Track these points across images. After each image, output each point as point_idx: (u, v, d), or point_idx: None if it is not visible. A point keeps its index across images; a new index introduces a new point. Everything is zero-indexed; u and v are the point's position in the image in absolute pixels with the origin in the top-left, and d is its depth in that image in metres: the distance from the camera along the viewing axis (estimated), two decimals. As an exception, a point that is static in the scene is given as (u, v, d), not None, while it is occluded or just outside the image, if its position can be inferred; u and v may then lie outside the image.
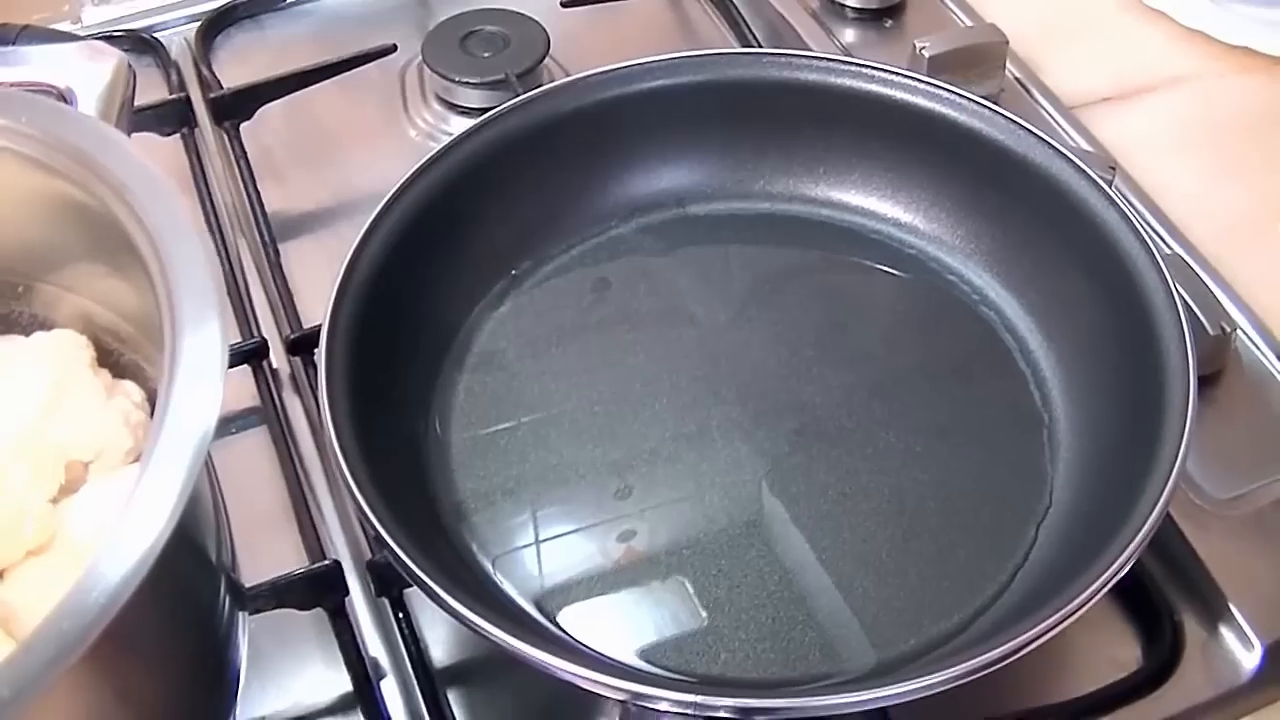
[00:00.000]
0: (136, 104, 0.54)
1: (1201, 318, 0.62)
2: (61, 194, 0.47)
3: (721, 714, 0.45)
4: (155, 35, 0.82)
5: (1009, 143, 0.62)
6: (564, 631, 0.53)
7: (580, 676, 0.45)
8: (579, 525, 0.57)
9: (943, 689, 0.46)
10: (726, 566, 0.55)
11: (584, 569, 0.55)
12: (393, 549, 0.49)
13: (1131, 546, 0.48)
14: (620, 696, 0.45)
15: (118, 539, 0.37)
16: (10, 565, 0.47)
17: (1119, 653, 0.56)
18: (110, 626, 0.36)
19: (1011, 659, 0.46)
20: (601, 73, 0.64)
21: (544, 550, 0.56)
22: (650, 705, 0.44)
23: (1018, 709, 0.54)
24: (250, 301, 0.67)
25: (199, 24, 0.83)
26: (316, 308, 0.60)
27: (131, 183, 0.45)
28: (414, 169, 0.61)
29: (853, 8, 0.81)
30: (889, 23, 0.82)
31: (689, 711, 0.44)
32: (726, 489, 0.57)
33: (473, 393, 0.61)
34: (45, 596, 0.37)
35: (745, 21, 0.82)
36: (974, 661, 0.46)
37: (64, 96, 0.51)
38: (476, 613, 0.47)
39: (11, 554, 0.46)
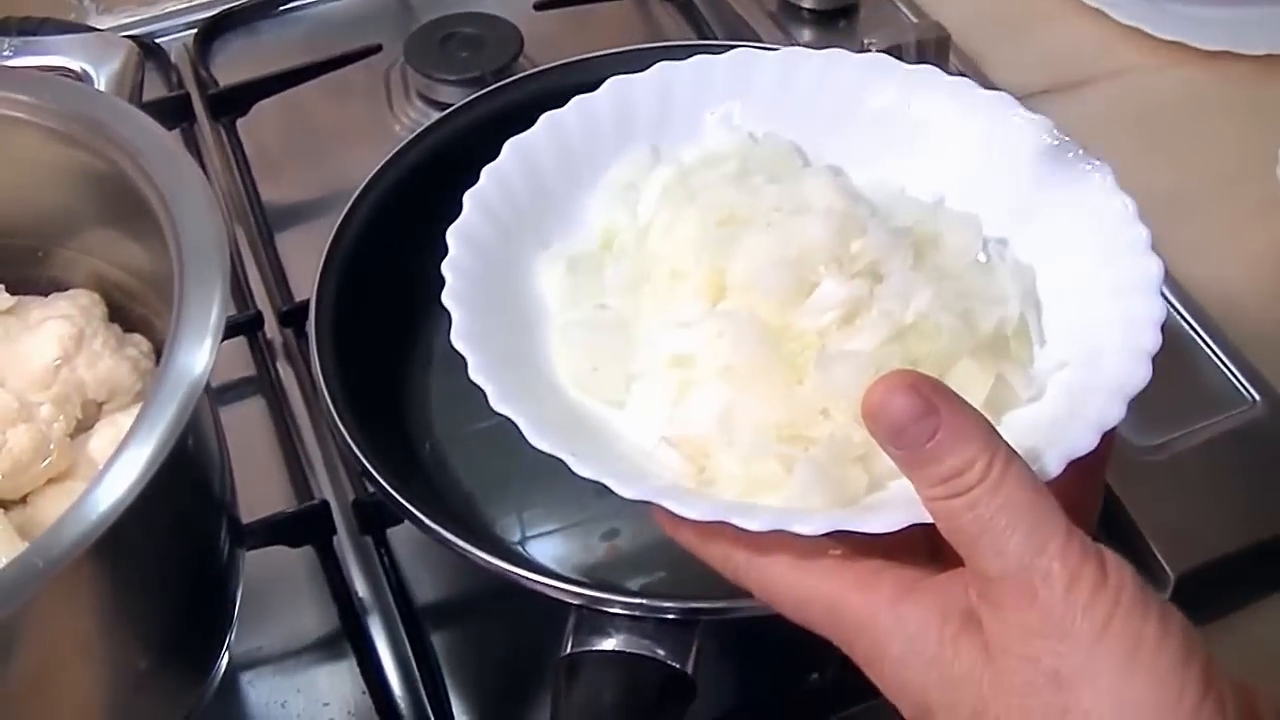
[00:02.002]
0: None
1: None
2: (81, 163, 0.52)
3: (669, 616, 0.49)
4: (156, 40, 0.87)
5: None
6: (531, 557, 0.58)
7: (542, 584, 0.50)
8: (563, 524, 0.59)
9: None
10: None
11: (569, 565, 0.58)
12: (375, 478, 0.53)
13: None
14: (576, 601, 0.49)
15: (122, 456, 0.42)
16: (35, 490, 0.52)
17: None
18: (118, 533, 0.41)
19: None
20: (565, 63, 0.69)
21: (530, 546, 0.59)
22: (604, 609, 0.49)
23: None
24: (246, 279, 0.72)
25: (196, 29, 0.87)
26: (307, 286, 0.65)
27: (145, 148, 0.50)
28: (392, 152, 0.65)
29: (808, 9, 0.86)
30: (842, 23, 0.87)
31: (637, 614, 0.48)
32: None
33: (448, 373, 0.63)
34: (63, 516, 0.42)
35: (707, 23, 0.87)
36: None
37: (81, 79, 0.56)
38: (452, 532, 0.51)
39: (35, 479, 0.52)
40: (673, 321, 0.43)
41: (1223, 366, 0.68)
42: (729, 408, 0.41)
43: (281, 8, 0.90)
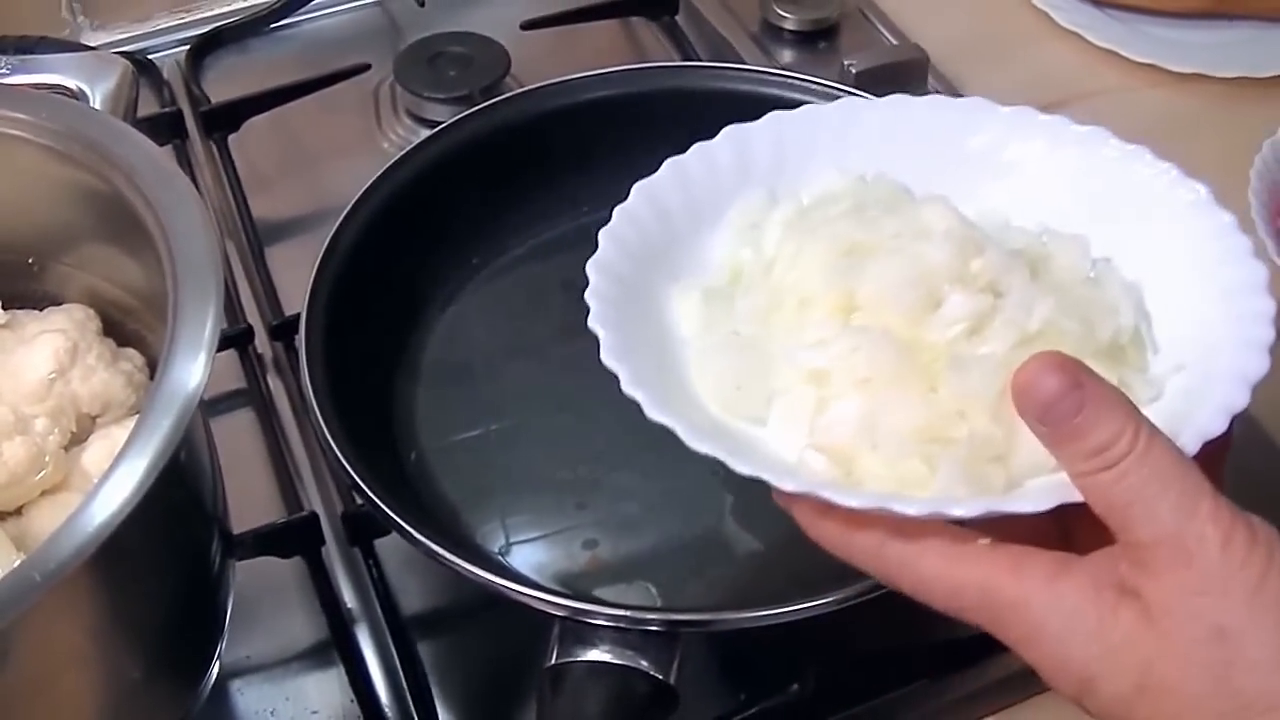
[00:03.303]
0: (130, 118, 0.59)
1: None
2: (77, 180, 0.53)
3: (652, 628, 0.50)
4: (148, 57, 0.88)
5: None
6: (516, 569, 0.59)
7: (527, 595, 0.51)
8: (545, 532, 0.61)
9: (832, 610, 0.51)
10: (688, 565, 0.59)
11: (552, 572, 0.59)
12: (365, 492, 0.54)
13: None
14: (561, 613, 0.50)
15: (118, 470, 0.43)
16: (29, 502, 0.53)
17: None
18: (113, 545, 0.41)
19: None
20: (553, 83, 0.70)
21: (513, 553, 0.60)
22: (587, 620, 0.50)
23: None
24: (237, 293, 0.73)
25: (189, 47, 0.88)
26: (297, 300, 0.66)
27: (140, 167, 0.51)
28: (381, 170, 0.66)
29: (789, 30, 0.88)
30: (823, 44, 0.88)
31: (621, 625, 0.50)
32: (686, 493, 0.61)
33: (435, 385, 0.66)
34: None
35: (690, 44, 0.88)
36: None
37: (77, 97, 0.57)
38: (438, 544, 0.52)
39: (30, 491, 0.52)
40: (806, 343, 0.46)
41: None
42: (869, 416, 0.43)
43: (272, 26, 0.91)
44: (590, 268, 0.47)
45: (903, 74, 0.81)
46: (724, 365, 0.46)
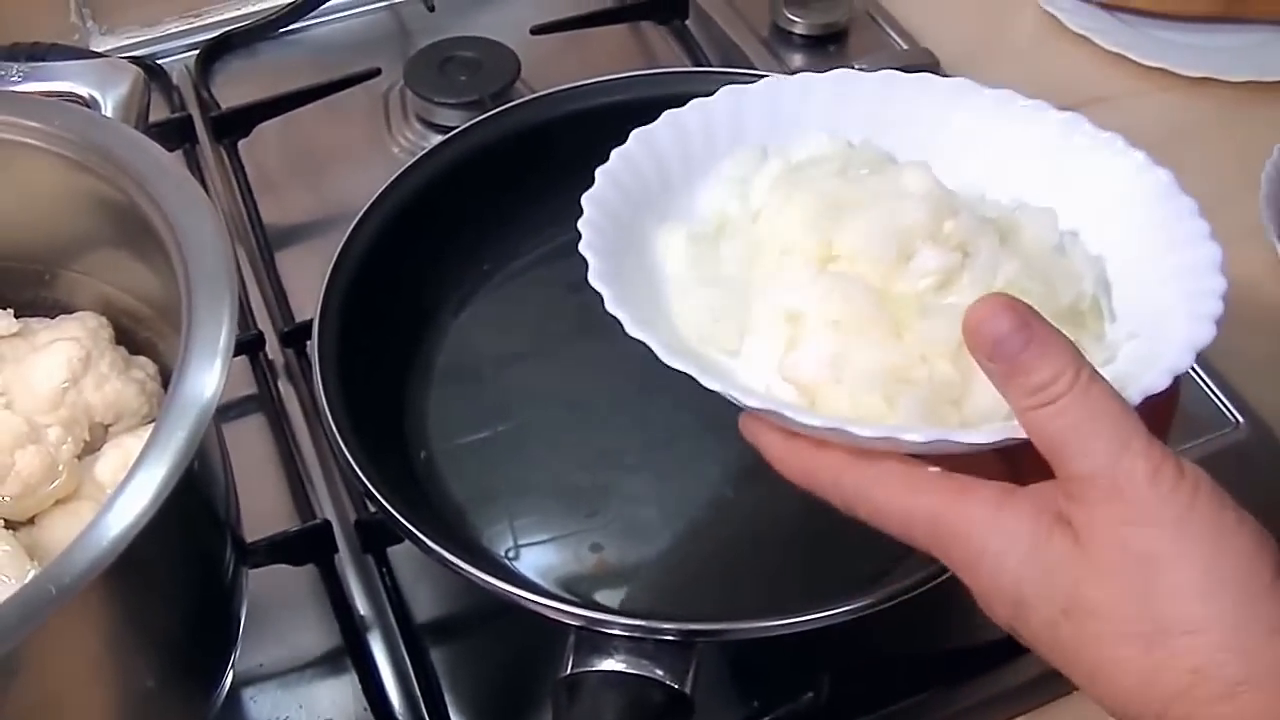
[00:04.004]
0: (140, 123, 0.60)
1: (1107, 305, 0.68)
2: (89, 188, 0.53)
3: (668, 637, 0.50)
4: (158, 62, 0.88)
5: None
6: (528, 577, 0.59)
7: (542, 605, 0.51)
8: (553, 535, 0.61)
9: (846, 619, 0.51)
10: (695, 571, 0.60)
11: (558, 575, 0.60)
12: (380, 501, 0.54)
13: None
14: (576, 623, 0.50)
15: (134, 480, 0.43)
16: (42, 511, 0.53)
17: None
18: (129, 557, 0.41)
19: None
20: (564, 89, 0.70)
21: (521, 554, 0.61)
22: (603, 630, 0.50)
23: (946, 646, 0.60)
24: (248, 300, 0.73)
25: (198, 51, 0.88)
26: (308, 306, 0.66)
27: (153, 175, 0.51)
28: (393, 177, 0.67)
29: (799, 35, 0.88)
30: (832, 48, 0.88)
31: (636, 635, 0.50)
32: (695, 499, 0.62)
33: (446, 390, 0.66)
34: (71, 537, 0.42)
35: (700, 48, 0.88)
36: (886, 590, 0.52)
37: (88, 105, 0.57)
38: (453, 553, 0.52)
39: (43, 501, 0.52)
40: (785, 285, 0.48)
41: (1207, 390, 0.69)
42: (838, 354, 0.46)
43: (281, 30, 0.91)
44: (585, 200, 0.49)
45: (913, 78, 0.81)
46: (703, 299, 0.49)
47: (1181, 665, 0.38)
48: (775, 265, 0.49)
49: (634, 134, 0.52)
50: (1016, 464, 0.44)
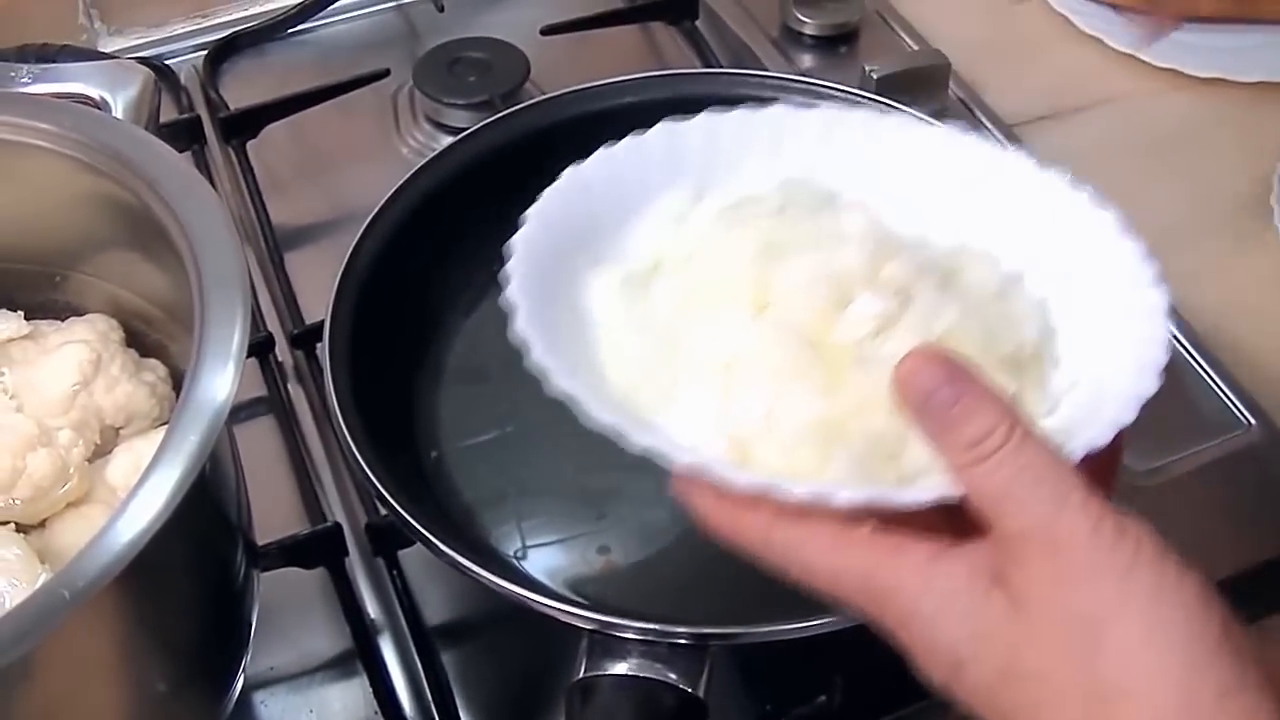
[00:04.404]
0: (148, 124, 0.59)
1: (1120, 307, 0.68)
2: (101, 190, 0.53)
3: (681, 641, 0.50)
4: (166, 62, 0.88)
5: None
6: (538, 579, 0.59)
7: (555, 609, 0.51)
8: (561, 536, 0.61)
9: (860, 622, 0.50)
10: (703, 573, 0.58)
11: (566, 576, 0.59)
12: (392, 505, 0.54)
13: None
14: (590, 626, 0.50)
15: (147, 484, 0.43)
16: (53, 515, 0.53)
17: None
18: (142, 561, 0.41)
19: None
20: (574, 91, 0.70)
21: (529, 555, 0.60)
22: (616, 634, 0.50)
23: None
24: (257, 301, 0.73)
25: (206, 52, 0.88)
26: (317, 307, 0.66)
27: (164, 177, 0.51)
28: (404, 178, 0.66)
29: (809, 35, 0.88)
30: (843, 49, 0.88)
31: (649, 639, 0.50)
32: None
33: (455, 391, 0.66)
34: (83, 541, 0.43)
35: (710, 49, 0.88)
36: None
37: (99, 106, 0.57)
38: (466, 557, 0.52)
39: (54, 505, 0.52)
40: (718, 333, 0.47)
41: (1218, 391, 0.69)
42: (771, 406, 0.44)
43: (290, 31, 0.91)
44: (513, 243, 0.48)
45: (924, 79, 0.82)
46: (635, 348, 0.47)
47: None
48: (710, 309, 0.47)
49: (566, 171, 0.51)
50: (957, 517, 0.42)
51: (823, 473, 0.43)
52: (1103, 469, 0.43)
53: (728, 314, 0.47)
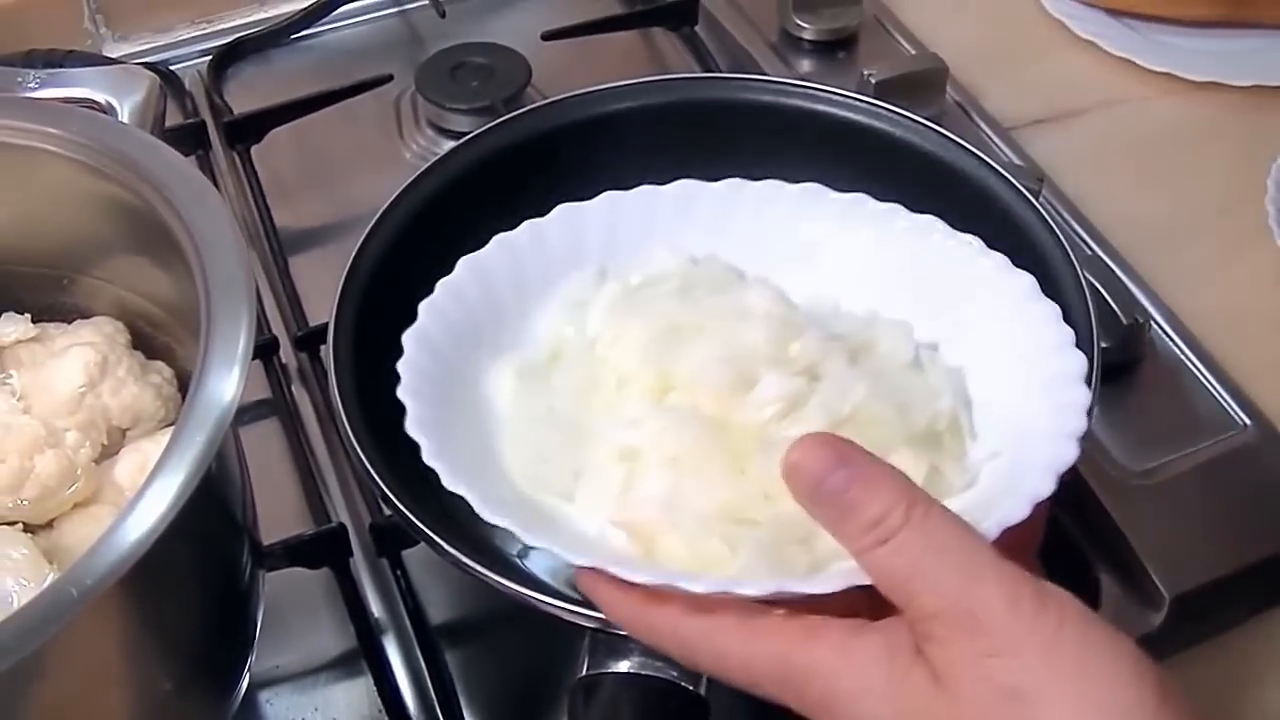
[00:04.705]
0: (153, 128, 0.60)
1: (1116, 309, 0.68)
2: (108, 194, 0.54)
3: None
4: (171, 68, 0.89)
5: (942, 155, 0.66)
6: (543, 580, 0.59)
7: (558, 607, 0.51)
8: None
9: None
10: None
11: (567, 575, 0.58)
12: (397, 506, 0.54)
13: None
14: (592, 625, 0.50)
15: (154, 485, 0.43)
16: (61, 515, 0.53)
17: (1042, 604, 0.63)
18: (150, 560, 0.42)
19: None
20: (575, 95, 0.70)
21: (531, 554, 0.59)
22: (619, 632, 0.50)
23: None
24: (261, 304, 0.73)
25: (210, 58, 0.89)
26: (320, 310, 0.66)
27: (172, 183, 0.52)
28: (407, 182, 0.66)
29: (808, 40, 0.88)
30: (841, 54, 0.89)
31: None
32: None
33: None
34: (90, 541, 0.43)
35: (710, 53, 0.89)
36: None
37: (105, 111, 0.57)
38: (469, 556, 0.52)
39: (62, 505, 0.53)
40: (620, 420, 0.46)
41: (1214, 392, 0.69)
42: (674, 493, 0.44)
43: (293, 36, 0.92)
44: (406, 339, 0.48)
45: (921, 83, 0.82)
46: (534, 440, 0.47)
47: None
48: (612, 397, 0.47)
49: (461, 262, 0.51)
50: (874, 595, 0.40)
51: (731, 561, 0.42)
52: (1022, 541, 0.41)
53: (630, 400, 0.46)
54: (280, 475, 0.67)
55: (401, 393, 0.45)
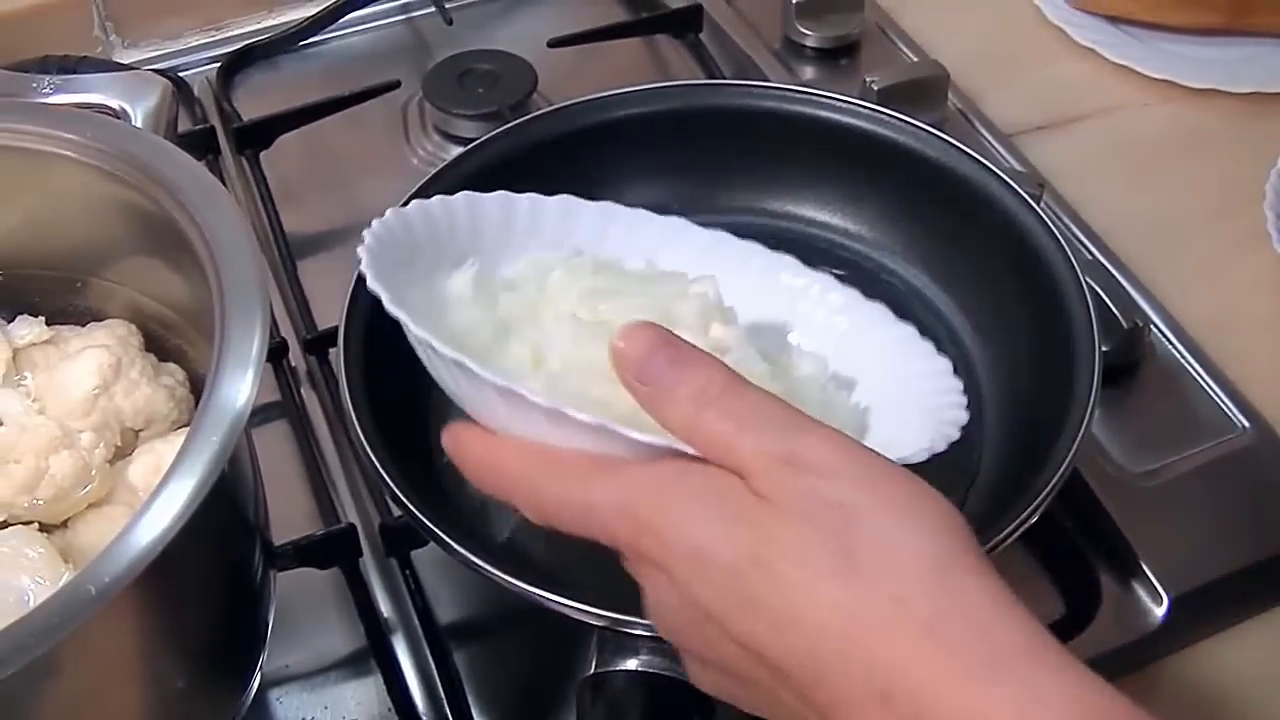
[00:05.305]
0: (163, 134, 0.61)
1: (1116, 313, 0.69)
2: (122, 198, 0.54)
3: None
4: (180, 74, 0.90)
5: (944, 160, 0.68)
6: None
7: (566, 606, 0.51)
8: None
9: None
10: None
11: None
12: (408, 506, 0.55)
13: (1041, 496, 0.54)
14: (600, 623, 0.51)
15: (169, 485, 0.44)
16: (75, 515, 0.54)
17: (1043, 605, 0.63)
18: (165, 559, 0.43)
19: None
20: (581, 101, 0.71)
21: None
22: (627, 630, 0.51)
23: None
24: (270, 308, 0.74)
25: (219, 64, 0.90)
26: (329, 313, 0.67)
27: (185, 186, 0.52)
28: (415, 187, 0.67)
29: (811, 47, 0.89)
30: (844, 61, 0.89)
31: (659, 634, 0.50)
32: None
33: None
34: (104, 540, 0.44)
35: (714, 61, 0.89)
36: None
37: (119, 116, 0.58)
38: (478, 555, 0.53)
39: (76, 505, 0.54)
40: (545, 327, 0.50)
41: (1213, 395, 0.70)
42: (562, 382, 0.47)
43: (301, 43, 0.92)
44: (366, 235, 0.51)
45: (923, 90, 0.83)
46: (469, 319, 0.51)
47: (883, 593, 0.37)
48: (545, 324, 0.50)
49: (390, 211, 0.54)
50: None
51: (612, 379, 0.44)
52: None
53: (557, 321, 0.50)
54: (290, 477, 0.68)
55: (364, 262, 0.49)
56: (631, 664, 0.50)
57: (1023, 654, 0.36)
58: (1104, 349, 0.60)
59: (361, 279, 0.63)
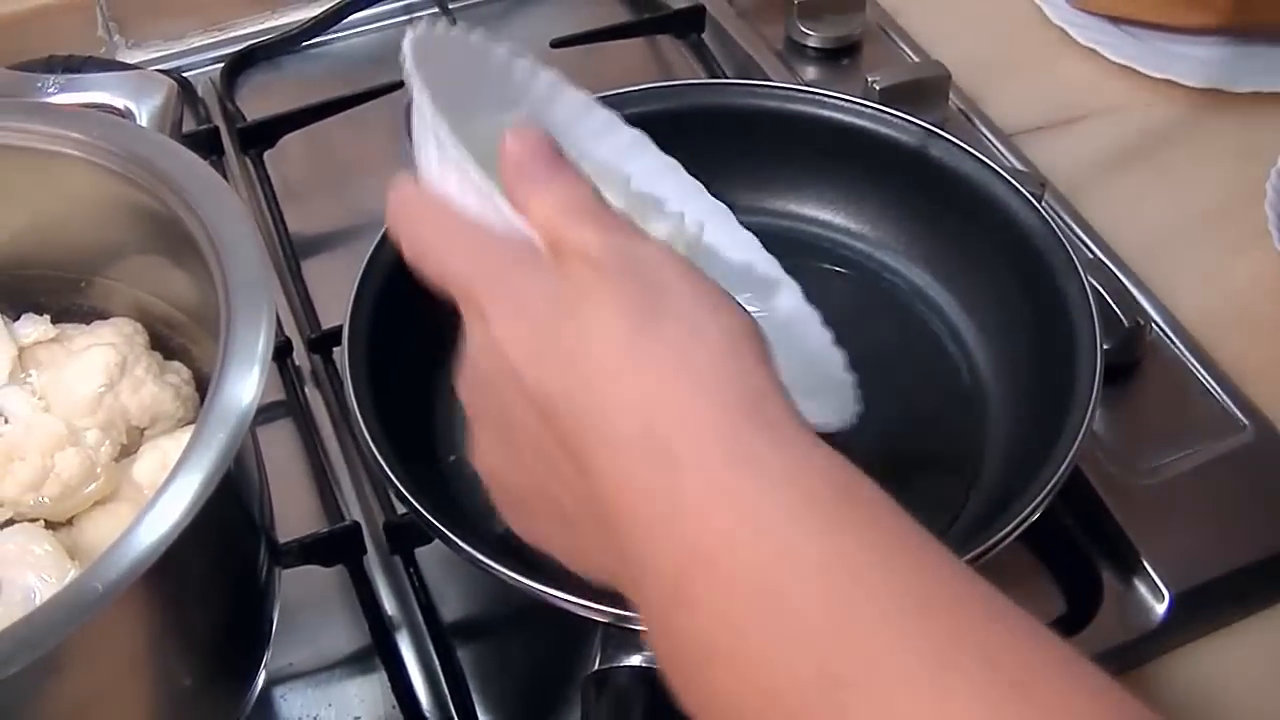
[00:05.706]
0: (167, 134, 0.61)
1: (1118, 311, 0.69)
2: (127, 197, 0.54)
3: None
4: (183, 75, 0.90)
5: (946, 160, 0.68)
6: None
7: (570, 602, 0.52)
8: None
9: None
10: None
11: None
12: (413, 505, 0.55)
13: (1042, 494, 0.54)
14: (605, 619, 0.51)
15: (175, 482, 0.44)
16: (81, 513, 0.54)
17: (1045, 603, 0.64)
18: (170, 556, 0.43)
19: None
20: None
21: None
22: (631, 626, 0.51)
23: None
24: (274, 306, 0.74)
25: (223, 64, 0.90)
26: (333, 313, 0.67)
27: (190, 185, 0.52)
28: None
29: (813, 47, 0.89)
30: (846, 61, 0.90)
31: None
32: None
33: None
34: (110, 537, 0.44)
35: (716, 61, 0.89)
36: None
37: (124, 116, 0.58)
38: (482, 552, 0.53)
39: (82, 503, 0.54)
40: None
41: (1214, 394, 0.70)
42: None
43: (305, 44, 0.92)
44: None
45: (924, 90, 0.83)
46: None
47: (672, 348, 0.39)
48: None
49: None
50: None
51: None
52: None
53: None
54: (294, 475, 0.68)
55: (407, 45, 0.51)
56: (636, 660, 0.50)
57: (789, 423, 0.39)
58: (1105, 347, 0.60)
59: (364, 278, 0.64)
